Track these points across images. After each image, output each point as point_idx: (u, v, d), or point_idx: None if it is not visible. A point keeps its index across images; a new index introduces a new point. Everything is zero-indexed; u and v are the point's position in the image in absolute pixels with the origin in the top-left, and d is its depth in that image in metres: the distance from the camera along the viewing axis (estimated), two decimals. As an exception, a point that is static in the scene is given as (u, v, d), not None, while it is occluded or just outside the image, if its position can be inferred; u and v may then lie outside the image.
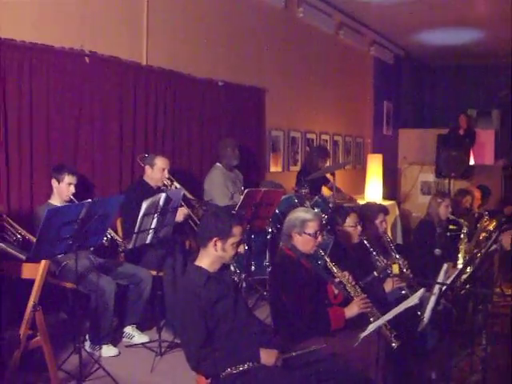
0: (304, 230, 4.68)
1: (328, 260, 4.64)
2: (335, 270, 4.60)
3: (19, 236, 5.14)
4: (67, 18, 6.46)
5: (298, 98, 10.82)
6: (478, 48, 14.24)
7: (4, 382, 4.11)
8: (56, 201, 5.88)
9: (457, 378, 5.23)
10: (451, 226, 7.31)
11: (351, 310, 4.47)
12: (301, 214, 4.81)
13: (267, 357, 3.75)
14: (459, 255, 6.88)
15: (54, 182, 5.89)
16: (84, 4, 6.64)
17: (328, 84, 11.93)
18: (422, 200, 12.28)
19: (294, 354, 3.82)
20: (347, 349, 3.99)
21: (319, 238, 4.71)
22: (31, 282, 4.32)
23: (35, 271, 4.31)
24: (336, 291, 4.59)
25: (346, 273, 4.62)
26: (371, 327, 3.84)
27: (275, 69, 10.09)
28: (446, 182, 11.84)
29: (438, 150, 12.47)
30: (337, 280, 4.58)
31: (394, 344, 4.24)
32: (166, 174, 6.65)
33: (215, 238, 3.91)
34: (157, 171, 6.63)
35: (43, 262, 4.32)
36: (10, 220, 5.23)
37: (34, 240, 5.13)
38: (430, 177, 12.73)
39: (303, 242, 4.69)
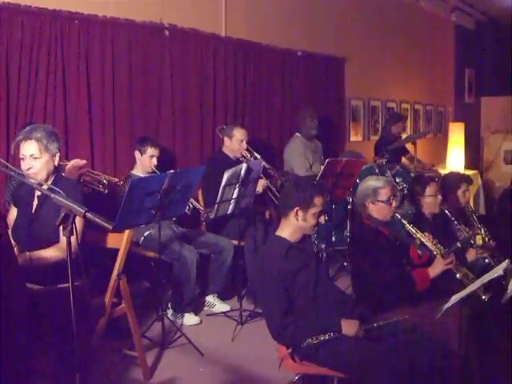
0: (377, 198, 4.66)
1: (406, 222, 4.62)
2: (414, 232, 4.58)
3: (105, 182, 5.29)
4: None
5: (378, 67, 10.65)
6: None
7: (91, 348, 4.21)
8: (139, 172, 5.97)
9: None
10: (537, 196, 7.11)
11: (435, 269, 4.42)
12: (372, 182, 4.78)
13: (348, 327, 3.74)
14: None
15: (137, 154, 5.98)
16: (163, -23, 6.71)
17: (408, 52, 11.71)
18: (505, 169, 12.04)
19: (375, 324, 3.80)
20: (429, 320, 3.95)
21: (393, 204, 4.68)
22: (115, 251, 4.41)
23: (119, 241, 4.39)
24: (419, 252, 4.56)
25: (426, 233, 4.58)
26: (454, 298, 3.79)
27: (354, 37, 9.97)
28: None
29: (522, 118, 12.16)
30: (417, 241, 4.55)
31: (483, 297, 4.19)
32: (245, 145, 6.66)
33: (296, 208, 3.91)
34: (235, 142, 6.65)
35: (127, 231, 4.40)
36: (91, 170, 5.46)
37: (119, 181, 5.30)
38: (514, 145, 12.45)
39: (378, 210, 4.68)
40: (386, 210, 4.67)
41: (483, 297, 4.20)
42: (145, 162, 5.94)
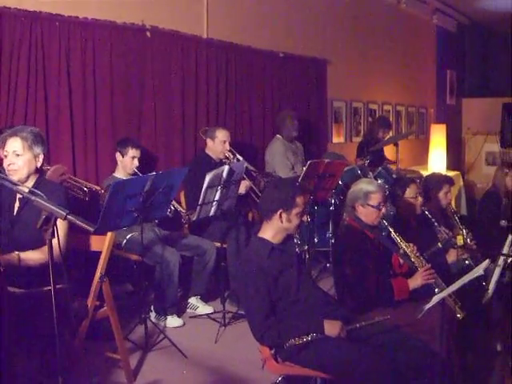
0: (367, 201, 4.65)
1: (392, 230, 4.61)
2: (399, 241, 4.58)
3: (86, 189, 5.28)
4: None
5: (360, 69, 10.69)
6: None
7: (73, 351, 4.19)
8: (120, 174, 5.97)
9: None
10: (517, 198, 7.16)
11: (415, 281, 4.43)
12: (364, 185, 4.77)
13: (331, 328, 3.75)
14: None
15: (118, 156, 5.97)
16: (145, -22, 6.69)
17: (390, 54, 11.76)
18: (486, 170, 12.11)
19: (357, 325, 3.82)
20: (411, 321, 3.97)
21: (383, 210, 4.68)
22: (98, 254, 4.40)
23: (102, 243, 4.38)
24: (401, 261, 4.57)
25: (411, 244, 4.59)
26: (435, 299, 3.80)
27: (336, 39, 10.00)
28: (512, 152, 11.61)
29: (504, 119, 12.19)
30: (401, 250, 4.56)
31: (458, 315, 4.21)
32: (228, 147, 6.65)
33: (280, 210, 3.91)
34: (218, 144, 6.63)
35: (109, 234, 4.38)
36: (72, 177, 5.47)
37: (101, 189, 5.28)
38: (495, 147, 12.50)
39: (366, 214, 4.66)
40: (374, 214, 4.65)
41: (458, 315, 4.22)
42: (126, 164, 5.93)
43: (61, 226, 3.17)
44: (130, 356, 4.94)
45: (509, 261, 4.48)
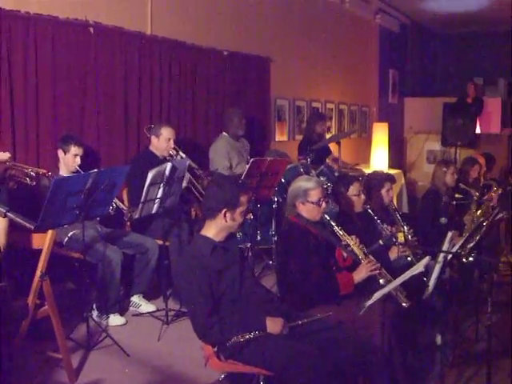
0: (307, 198, 4.70)
1: (334, 224, 4.66)
2: (342, 234, 4.63)
3: (32, 174, 5.17)
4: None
5: (303, 67, 10.75)
6: (484, 15, 14.06)
7: (13, 351, 4.14)
8: (62, 171, 5.90)
9: (462, 346, 5.27)
10: (457, 195, 7.28)
11: (360, 274, 4.49)
12: (302, 183, 4.82)
13: (273, 325, 3.78)
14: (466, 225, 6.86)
15: (60, 153, 5.90)
16: (88, -26, 6.61)
17: (333, 53, 11.84)
18: (427, 169, 12.26)
19: (300, 322, 3.85)
20: (353, 317, 4.02)
21: (323, 205, 4.73)
22: (40, 251, 4.34)
23: (42, 241, 4.33)
24: (345, 254, 4.62)
25: (353, 236, 4.64)
26: (376, 295, 3.86)
27: (280, 38, 10.02)
28: (452, 150, 11.80)
29: (444, 119, 12.42)
30: (344, 243, 4.61)
31: (404, 304, 4.27)
32: (172, 144, 6.63)
33: (224, 210, 3.92)
34: (163, 141, 6.61)
35: (50, 232, 4.35)
36: (16, 163, 5.30)
37: (47, 172, 5.19)
38: (436, 145, 12.71)
39: (308, 211, 4.71)
40: (315, 210, 4.71)
41: (403, 304, 4.28)
42: (68, 161, 5.86)
43: (0, 223, 3.12)
44: (72, 355, 4.90)
45: (448, 257, 4.55)
